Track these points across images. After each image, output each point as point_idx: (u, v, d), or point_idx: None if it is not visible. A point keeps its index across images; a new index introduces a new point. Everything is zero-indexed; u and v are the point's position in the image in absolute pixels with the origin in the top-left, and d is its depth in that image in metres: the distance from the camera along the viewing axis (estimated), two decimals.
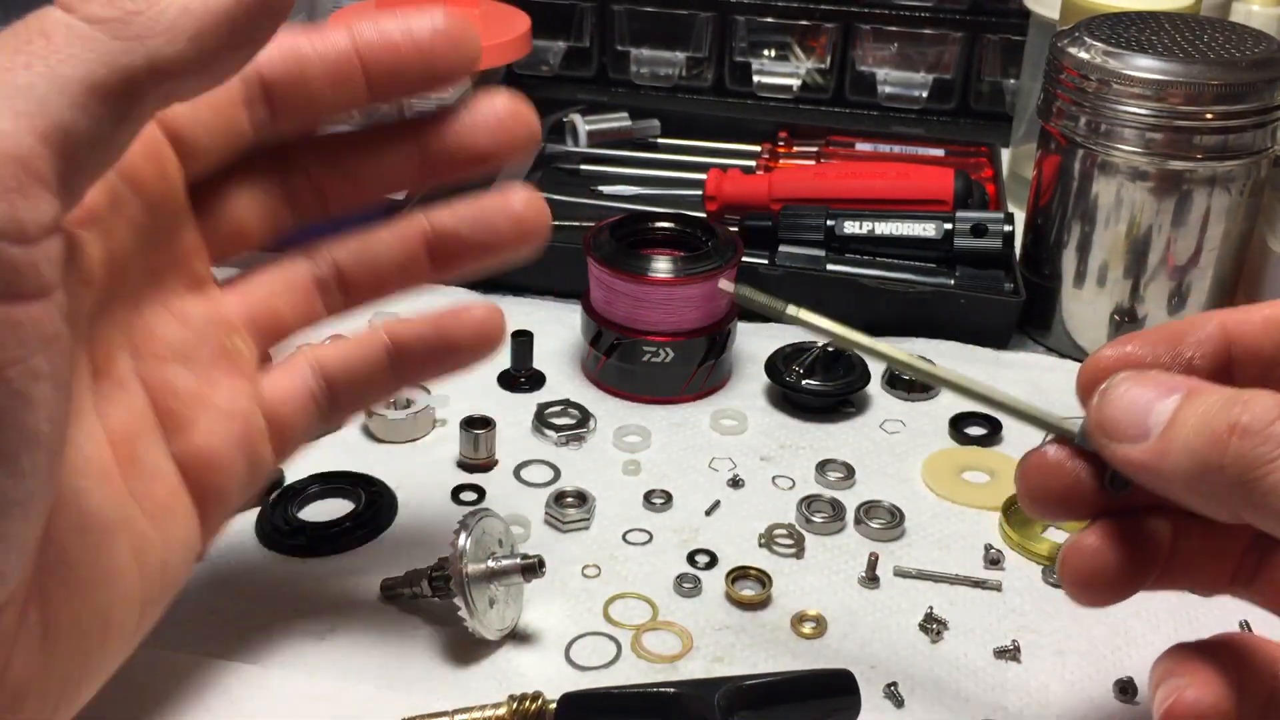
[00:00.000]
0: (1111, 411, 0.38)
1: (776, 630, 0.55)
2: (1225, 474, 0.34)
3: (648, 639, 0.54)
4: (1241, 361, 0.40)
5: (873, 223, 0.83)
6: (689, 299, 0.70)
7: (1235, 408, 0.34)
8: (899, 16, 1.13)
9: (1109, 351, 0.41)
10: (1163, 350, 0.40)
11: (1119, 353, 0.41)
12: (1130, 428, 0.37)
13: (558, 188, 0.98)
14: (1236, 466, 0.34)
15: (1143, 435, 0.36)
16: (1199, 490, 0.35)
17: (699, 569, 0.59)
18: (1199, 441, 0.35)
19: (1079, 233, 0.77)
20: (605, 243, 0.71)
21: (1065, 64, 0.75)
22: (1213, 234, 0.75)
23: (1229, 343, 0.40)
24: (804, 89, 1.17)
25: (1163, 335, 0.41)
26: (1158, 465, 0.36)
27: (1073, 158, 0.76)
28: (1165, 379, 0.37)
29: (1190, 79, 0.71)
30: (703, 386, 0.73)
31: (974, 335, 0.78)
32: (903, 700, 0.51)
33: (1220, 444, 0.34)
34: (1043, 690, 0.52)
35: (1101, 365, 0.41)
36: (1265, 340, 0.40)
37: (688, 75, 1.19)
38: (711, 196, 0.91)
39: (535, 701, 0.48)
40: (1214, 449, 0.34)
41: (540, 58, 1.18)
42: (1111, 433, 0.38)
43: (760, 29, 1.16)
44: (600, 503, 0.63)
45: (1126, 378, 0.38)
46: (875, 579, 0.58)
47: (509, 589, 0.53)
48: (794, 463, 0.67)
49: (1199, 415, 0.35)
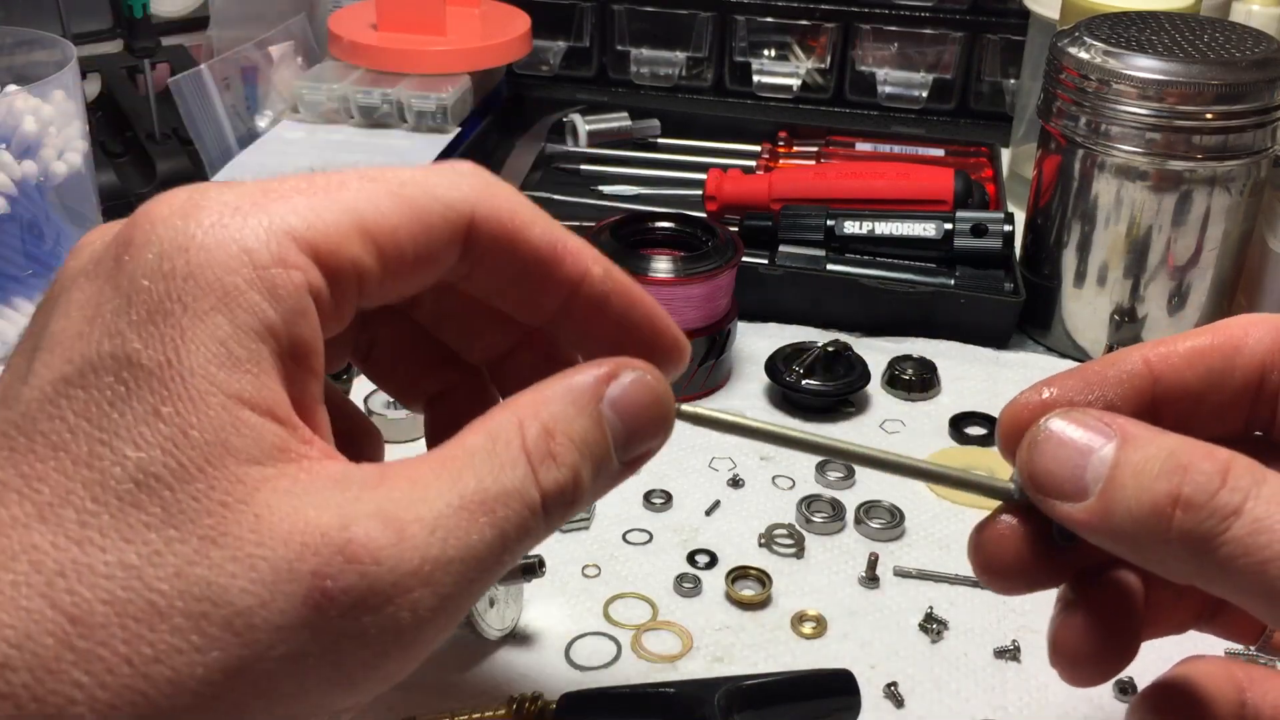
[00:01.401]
0: (1044, 464, 0.35)
1: (776, 630, 0.55)
2: (1171, 546, 0.32)
3: (648, 639, 0.54)
4: (1166, 398, 0.38)
5: (873, 223, 0.83)
6: (689, 299, 0.70)
7: (1175, 476, 0.32)
8: (899, 16, 1.13)
9: (1027, 398, 0.38)
10: (1082, 394, 0.37)
11: (1037, 399, 0.37)
12: (1066, 483, 0.34)
13: (558, 188, 0.98)
14: (1183, 542, 0.32)
15: (1081, 493, 0.34)
16: (1146, 557, 0.33)
17: (699, 569, 0.59)
18: (1141, 510, 0.32)
19: (1079, 233, 0.77)
20: (605, 243, 0.71)
21: (1065, 64, 0.75)
22: (1213, 234, 0.75)
23: (1153, 379, 0.37)
24: (804, 89, 1.17)
25: (1083, 377, 0.38)
26: (1100, 527, 0.33)
27: (1073, 158, 0.76)
28: (1095, 421, 0.34)
29: (1190, 79, 0.71)
30: (703, 386, 0.73)
31: (974, 335, 0.78)
32: (903, 700, 0.51)
33: (1164, 516, 0.32)
34: (1043, 690, 0.52)
35: (1020, 414, 0.37)
36: (1189, 374, 0.37)
37: (688, 75, 1.19)
38: (711, 196, 0.91)
39: (535, 701, 0.48)
40: (1158, 520, 0.32)
41: (540, 58, 1.18)
42: (1046, 489, 0.34)
43: (760, 29, 1.16)
44: (600, 503, 0.63)
45: (1055, 419, 0.35)
46: (875, 579, 0.58)
47: (509, 589, 0.53)
48: (794, 463, 0.67)
49: (1137, 480, 0.33)
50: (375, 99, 0.95)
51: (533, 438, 0.31)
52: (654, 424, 0.34)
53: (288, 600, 0.27)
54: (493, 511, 0.30)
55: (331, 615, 0.27)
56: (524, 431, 0.31)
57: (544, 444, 0.31)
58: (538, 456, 0.31)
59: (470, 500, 0.29)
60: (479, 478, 0.30)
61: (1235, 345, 0.37)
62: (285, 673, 0.27)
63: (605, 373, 0.33)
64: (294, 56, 1.03)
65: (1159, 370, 0.38)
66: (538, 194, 0.97)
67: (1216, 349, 0.38)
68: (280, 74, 1.00)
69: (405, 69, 0.98)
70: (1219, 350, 0.38)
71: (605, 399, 0.33)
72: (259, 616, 0.27)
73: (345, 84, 0.96)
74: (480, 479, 0.30)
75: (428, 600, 0.29)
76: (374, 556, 0.28)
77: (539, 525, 0.31)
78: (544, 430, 0.31)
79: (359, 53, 1.00)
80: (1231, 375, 0.37)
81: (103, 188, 0.87)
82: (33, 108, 0.74)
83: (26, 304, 0.76)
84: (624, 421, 0.33)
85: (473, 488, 0.30)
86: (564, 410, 0.32)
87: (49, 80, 0.75)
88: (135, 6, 0.94)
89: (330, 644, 0.28)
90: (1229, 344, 0.37)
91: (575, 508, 0.32)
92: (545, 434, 0.31)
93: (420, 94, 0.95)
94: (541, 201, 1.09)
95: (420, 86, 0.96)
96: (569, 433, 0.32)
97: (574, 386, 0.33)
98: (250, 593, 0.27)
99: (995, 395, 0.73)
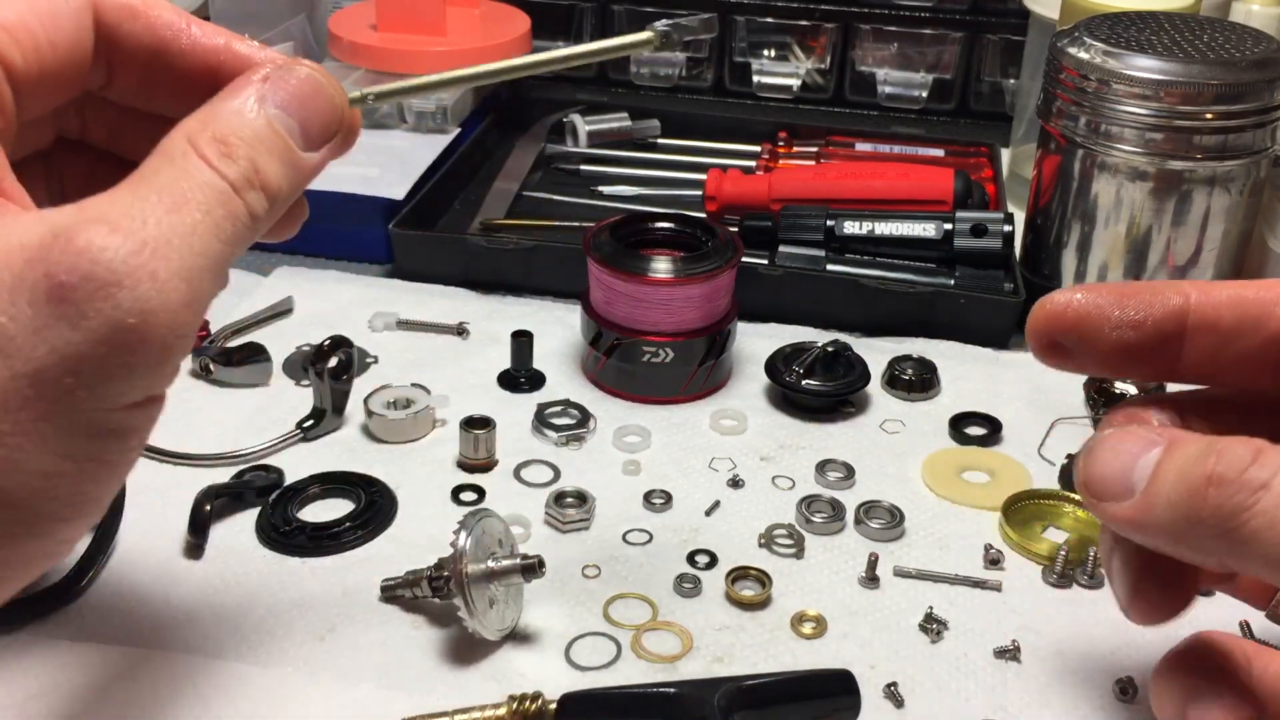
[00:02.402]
0: (1097, 469, 0.38)
1: (776, 630, 0.55)
2: (1205, 526, 0.34)
3: (648, 639, 0.54)
4: (1198, 329, 0.41)
5: (873, 223, 0.83)
6: (689, 299, 0.70)
7: (1210, 458, 0.35)
8: (899, 16, 1.13)
9: (1059, 297, 0.42)
10: (1113, 304, 0.41)
11: (1067, 298, 0.42)
12: (1114, 485, 0.37)
13: (558, 188, 0.98)
14: (1215, 517, 0.34)
15: (1127, 493, 0.37)
16: (1184, 542, 0.36)
17: (699, 569, 0.59)
18: (1179, 494, 0.35)
19: (1079, 233, 0.77)
20: (605, 243, 0.71)
21: (1065, 64, 0.75)
22: (1212, 234, 0.75)
23: (1186, 311, 0.41)
24: (804, 89, 1.17)
25: (1119, 291, 0.42)
26: (1143, 521, 0.36)
27: (1072, 158, 0.76)
28: (1147, 434, 0.38)
29: (1190, 79, 0.71)
30: (702, 387, 0.73)
31: (974, 335, 0.78)
32: (903, 700, 0.51)
33: (1199, 496, 0.34)
34: (1043, 690, 0.52)
35: (1050, 310, 0.42)
36: (1225, 313, 0.40)
37: (688, 75, 1.19)
38: (711, 196, 0.91)
39: (535, 701, 0.48)
40: (1193, 502, 0.35)
41: None
42: (1097, 491, 0.38)
43: (760, 29, 1.16)
44: (600, 503, 0.63)
45: (1110, 435, 0.38)
46: (875, 579, 0.58)
47: (509, 589, 0.53)
48: (794, 463, 0.67)
49: (1177, 468, 0.36)
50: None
51: (206, 144, 0.35)
52: (325, 112, 0.39)
53: (31, 304, 0.31)
54: (189, 201, 0.34)
55: (75, 304, 0.31)
56: (196, 143, 0.35)
57: (217, 148, 0.35)
58: (215, 158, 0.35)
59: (166, 197, 0.33)
60: (170, 181, 0.34)
61: (1277, 299, 0.40)
62: (61, 369, 0.31)
63: (262, 76, 0.38)
64: (294, 57, 1.03)
65: (1196, 304, 0.41)
66: (538, 194, 0.97)
67: (1257, 300, 0.40)
68: None
69: (405, 69, 0.98)
70: (1260, 301, 0.40)
71: (268, 100, 0.37)
72: (12, 329, 0.31)
73: (345, 85, 0.96)
74: (171, 182, 0.34)
75: (163, 276, 0.32)
76: (96, 246, 0.32)
77: (241, 214, 0.35)
78: (214, 138, 0.35)
79: (359, 53, 1.00)
80: (1266, 324, 0.40)
81: None
82: None
83: None
84: (294, 114, 0.38)
85: (167, 189, 0.34)
86: (230, 120, 0.36)
87: None
88: None
89: (89, 335, 0.31)
90: (1272, 297, 0.40)
91: (275, 199, 0.36)
92: (216, 141, 0.35)
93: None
94: (541, 202, 1.08)
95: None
96: (240, 134, 0.36)
97: (235, 95, 0.37)
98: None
99: (995, 395, 0.73)
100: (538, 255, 0.82)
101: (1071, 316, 0.42)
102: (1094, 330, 0.42)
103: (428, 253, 0.84)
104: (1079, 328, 0.42)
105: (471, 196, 0.96)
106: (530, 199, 0.97)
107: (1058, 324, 0.42)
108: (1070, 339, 0.42)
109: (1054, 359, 0.43)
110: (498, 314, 0.80)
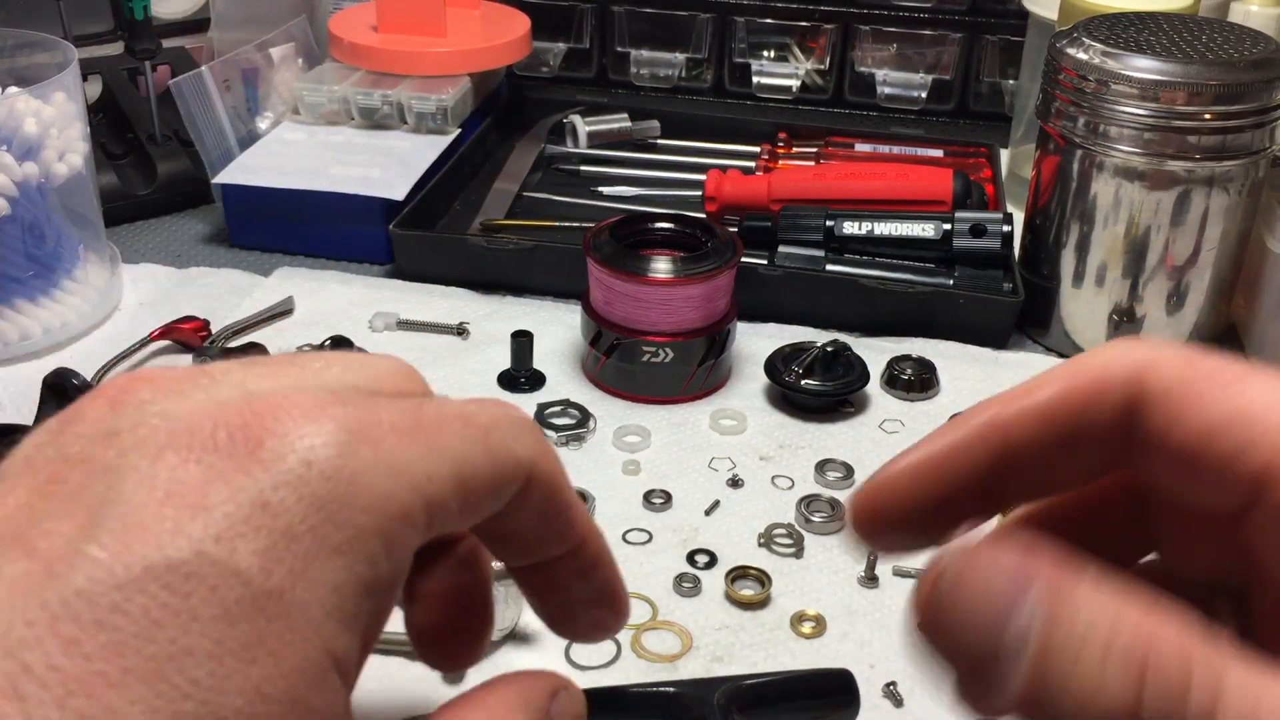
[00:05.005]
0: (954, 620, 0.26)
1: (776, 630, 0.55)
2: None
3: (648, 638, 0.54)
4: (1015, 465, 0.30)
5: (872, 223, 0.83)
6: (689, 299, 0.70)
7: (1134, 669, 0.23)
8: (898, 17, 1.13)
9: (883, 475, 0.30)
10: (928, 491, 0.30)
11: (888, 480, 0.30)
12: (977, 648, 0.26)
13: (557, 189, 0.98)
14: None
15: (1000, 660, 0.25)
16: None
17: (699, 569, 0.59)
18: (1089, 697, 0.23)
19: (1078, 233, 0.78)
20: (605, 243, 0.72)
21: (1064, 64, 0.75)
22: (1211, 234, 0.75)
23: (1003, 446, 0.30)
24: (803, 90, 1.17)
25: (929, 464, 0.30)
26: (1033, 708, 0.24)
27: (1071, 158, 0.76)
28: (1011, 560, 0.25)
29: (1188, 79, 0.71)
30: (702, 386, 0.73)
31: (973, 335, 0.79)
32: (902, 700, 0.51)
33: (1127, 709, 0.22)
34: None
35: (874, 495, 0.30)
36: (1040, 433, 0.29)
37: (687, 76, 1.19)
38: (711, 197, 0.91)
39: None
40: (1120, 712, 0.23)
41: (540, 59, 1.19)
42: (953, 653, 0.26)
43: (760, 30, 1.16)
44: (600, 503, 0.63)
45: (961, 559, 0.26)
46: (875, 579, 0.58)
47: (509, 589, 0.53)
48: (793, 462, 0.67)
49: (1081, 656, 0.24)
50: (376, 100, 0.95)
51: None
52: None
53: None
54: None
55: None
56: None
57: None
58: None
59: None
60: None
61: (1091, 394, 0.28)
62: None
63: (548, 689, 0.33)
64: (294, 58, 1.03)
65: (1007, 436, 0.31)
66: (538, 195, 0.97)
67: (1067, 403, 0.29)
68: (281, 76, 1.01)
69: (405, 70, 0.98)
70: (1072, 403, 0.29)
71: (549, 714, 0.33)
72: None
73: (346, 85, 0.96)
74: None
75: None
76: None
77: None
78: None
79: (359, 54, 1.00)
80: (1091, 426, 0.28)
81: (104, 189, 0.87)
82: (34, 110, 0.74)
83: (28, 304, 0.76)
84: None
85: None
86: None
87: (50, 82, 0.75)
88: (136, 8, 0.94)
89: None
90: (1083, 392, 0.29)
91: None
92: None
93: (420, 95, 0.95)
94: (541, 202, 1.08)
95: (420, 88, 0.96)
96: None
97: (529, 702, 0.33)
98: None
99: (994, 395, 0.73)
100: (538, 255, 0.82)
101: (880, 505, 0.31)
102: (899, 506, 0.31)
103: (428, 253, 0.84)
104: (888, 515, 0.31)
105: (471, 197, 0.96)
106: (530, 199, 0.97)
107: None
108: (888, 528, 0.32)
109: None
110: (498, 314, 0.80)
